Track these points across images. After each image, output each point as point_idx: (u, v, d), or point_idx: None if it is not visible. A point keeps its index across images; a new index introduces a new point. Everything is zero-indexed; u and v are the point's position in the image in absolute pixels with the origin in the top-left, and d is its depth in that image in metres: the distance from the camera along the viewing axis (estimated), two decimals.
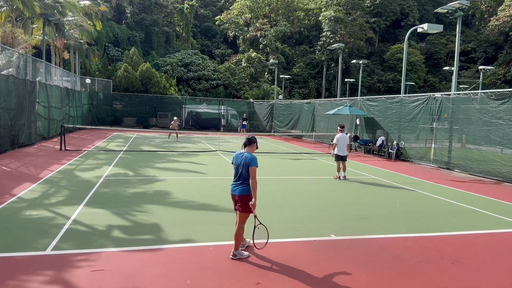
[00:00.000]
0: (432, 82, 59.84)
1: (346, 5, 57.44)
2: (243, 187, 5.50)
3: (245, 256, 5.46)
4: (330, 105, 25.14)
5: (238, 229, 5.47)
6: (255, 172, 5.45)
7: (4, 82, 14.88)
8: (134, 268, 4.94)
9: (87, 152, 16.50)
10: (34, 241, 5.75)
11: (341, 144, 12.36)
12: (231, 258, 5.40)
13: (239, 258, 5.39)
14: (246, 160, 5.51)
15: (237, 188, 5.55)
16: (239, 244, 5.51)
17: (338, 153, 12.36)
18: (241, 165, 5.56)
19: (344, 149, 12.40)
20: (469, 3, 20.49)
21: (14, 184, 9.63)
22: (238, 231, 5.46)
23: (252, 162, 5.46)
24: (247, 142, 5.73)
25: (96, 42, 43.68)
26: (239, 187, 5.53)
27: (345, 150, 12.41)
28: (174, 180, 11.16)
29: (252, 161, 5.47)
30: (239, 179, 5.56)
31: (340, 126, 12.80)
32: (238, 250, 5.48)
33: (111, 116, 35.77)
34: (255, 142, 5.76)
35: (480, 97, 14.52)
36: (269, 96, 46.20)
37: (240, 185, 5.53)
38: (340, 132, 12.58)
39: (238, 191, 5.51)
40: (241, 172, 5.55)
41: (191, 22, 57.02)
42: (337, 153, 12.39)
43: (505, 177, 12.97)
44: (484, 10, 62.73)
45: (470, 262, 5.65)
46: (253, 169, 5.44)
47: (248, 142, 5.73)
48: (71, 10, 30.13)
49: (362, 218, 7.75)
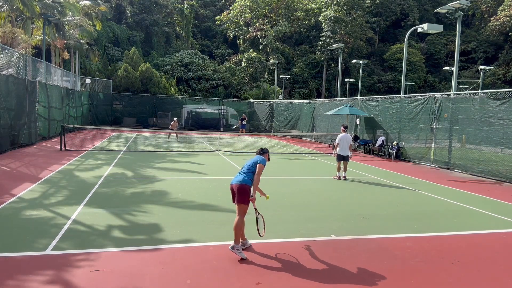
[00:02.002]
0: (432, 82, 59.85)
1: (346, 5, 57.45)
2: (243, 176, 5.62)
3: (242, 255, 5.36)
4: (330, 105, 25.13)
5: (237, 220, 5.46)
6: (261, 169, 5.71)
7: (4, 82, 14.88)
8: (134, 268, 4.94)
9: (87, 152, 16.50)
10: (34, 241, 5.74)
11: (343, 144, 12.34)
12: (229, 249, 5.43)
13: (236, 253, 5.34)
14: (256, 158, 5.89)
15: (237, 177, 5.67)
16: (239, 237, 5.47)
17: (340, 153, 12.34)
18: (249, 160, 5.89)
19: (346, 149, 12.36)
20: (469, 3, 20.49)
21: (14, 184, 9.63)
22: (237, 222, 5.44)
23: (262, 161, 5.83)
24: (260, 151, 6.11)
25: (96, 42, 43.68)
26: (239, 176, 5.67)
27: (347, 150, 12.37)
28: (174, 180, 11.15)
29: (262, 160, 5.87)
30: (242, 170, 5.76)
31: (343, 126, 12.81)
32: (238, 244, 5.43)
33: (111, 116, 35.77)
34: (267, 153, 6.15)
35: (480, 97, 14.52)
36: (269, 96, 46.20)
37: (241, 174, 5.68)
38: (343, 132, 12.58)
39: (237, 180, 5.59)
40: (246, 164, 5.83)
41: (191, 22, 57.03)
42: (339, 153, 12.37)
43: (505, 177, 12.97)
44: (484, 10, 62.73)
45: (470, 262, 5.65)
46: (260, 166, 5.73)
47: (261, 151, 6.11)
48: (71, 10, 30.13)
49: (362, 218, 7.75)
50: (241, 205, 5.50)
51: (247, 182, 5.54)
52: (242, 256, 5.35)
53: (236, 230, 5.42)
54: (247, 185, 5.52)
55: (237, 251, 5.37)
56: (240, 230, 5.46)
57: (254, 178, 5.62)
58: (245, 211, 5.52)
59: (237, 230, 5.42)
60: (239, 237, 5.47)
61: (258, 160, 5.79)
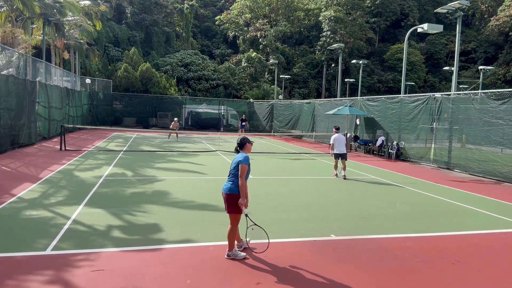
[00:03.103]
0: (432, 82, 59.83)
1: (346, 5, 57.43)
2: (230, 184, 5.38)
3: (240, 257, 5.36)
4: (330, 105, 25.13)
5: (229, 230, 5.39)
6: (244, 170, 5.25)
7: (4, 82, 14.88)
8: (134, 268, 4.94)
9: (87, 152, 16.50)
10: (34, 241, 5.74)
11: (338, 143, 12.78)
12: (225, 257, 5.37)
13: (233, 259, 5.33)
14: (236, 158, 5.47)
15: (224, 186, 5.47)
16: (233, 245, 5.41)
17: (336, 152, 12.78)
18: (232, 163, 5.51)
19: (342, 147, 12.78)
20: (469, 3, 20.49)
21: (14, 184, 9.63)
22: (229, 232, 5.38)
23: (244, 160, 5.31)
24: (239, 147, 5.61)
25: (96, 42, 43.68)
26: (226, 184, 5.46)
27: (343, 148, 12.79)
28: (174, 180, 11.15)
29: (244, 159, 5.33)
30: (228, 177, 5.49)
31: (335, 128, 13.23)
32: (232, 250, 5.39)
33: (111, 116, 35.77)
34: (246, 143, 5.57)
35: (480, 97, 14.52)
36: (269, 96, 46.20)
37: (228, 182, 5.44)
38: (336, 133, 12.96)
39: (224, 189, 5.43)
40: (230, 170, 5.49)
41: (191, 22, 57.03)
42: (335, 152, 12.81)
43: (505, 177, 12.97)
44: (484, 10, 62.71)
45: (470, 262, 5.64)
46: (243, 167, 5.24)
47: (239, 146, 5.60)
48: (71, 10, 30.14)
49: (362, 218, 7.75)
50: (232, 214, 5.37)
51: (234, 191, 5.29)
52: (240, 257, 5.35)
53: (229, 238, 5.37)
54: (234, 194, 5.28)
55: (233, 256, 5.35)
56: (234, 238, 5.41)
57: (239, 183, 5.21)
58: (237, 219, 5.39)
59: (231, 238, 5.37)
60: (233, 244, 5.41)
61: (239, 160, 5.34)
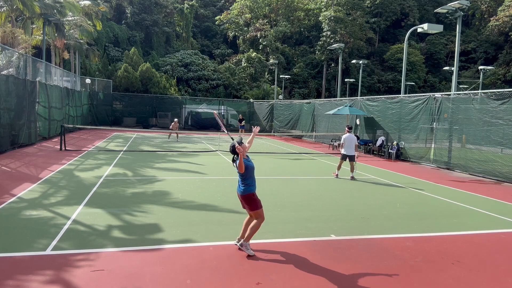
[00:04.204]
0: (432, 82, 59.81)
1: (346, 5, 57.39)
2: (242, 187, 5.61)
3: (250, 253, 5.48)
4: (330, 105, 25.12)
5: (256, 223, 5.53)
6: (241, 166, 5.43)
7: (4, 82, 14.88)
8: (134, 268, 4.94)
9: (87, 152, 16.50)
10: (34, 241, 5.74)
11: (348, 144, 12.68)
12: (235, 244, 5.53)
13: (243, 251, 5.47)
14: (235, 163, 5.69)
15: (238, 188, 5.70)
16: (251, 237, 5.56)
17: (345, 153, 12.69)
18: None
19: (351, 149, 12.66)
20: (469, 3, 20.49)
21: (14, 184, 9.63)
22: (256, 225, 5.52)
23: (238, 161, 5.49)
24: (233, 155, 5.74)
25: (96, 42, 43.66)
26: (239, 187, 5.68)
27: (352, 150, 12.67)
28: (174, 180, 11.15)
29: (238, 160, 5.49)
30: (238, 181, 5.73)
31: (348, 127, 13.10)
32: (248, 242, 5.55)
33: (111, 116, 35.76)
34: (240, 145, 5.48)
35: (480, 97, 14.52)
36: (269, 96, 46.20)
37: (239, 184, 5.68)
38: (348, 133, 12.86)
39: (239, 191, 5.64)
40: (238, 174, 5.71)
41: (191, 22, 57.01)
42: (343, 152, 12.74)
43: (505, 177, 12.97)
44: (484, 10, 62.68)
45: (470, 262, 5.64)
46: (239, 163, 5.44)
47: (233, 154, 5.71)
48: (71, 10, 30.15)
49: (362, 218, 7.75)
50: (255, 211, 5.55)
51: (248, 191, 5.53)
52: (250, 253, 5.47)
53: (251, 230, 5.52)
54: (249, 194, 5.54)
55: (245, 249, 5.51)
56: (256, 232, 5.57)
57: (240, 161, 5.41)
58: (261, 214, 5.56)
59: (253, 231, 5.53)
60: (252, 236, 5.57)
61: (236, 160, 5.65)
